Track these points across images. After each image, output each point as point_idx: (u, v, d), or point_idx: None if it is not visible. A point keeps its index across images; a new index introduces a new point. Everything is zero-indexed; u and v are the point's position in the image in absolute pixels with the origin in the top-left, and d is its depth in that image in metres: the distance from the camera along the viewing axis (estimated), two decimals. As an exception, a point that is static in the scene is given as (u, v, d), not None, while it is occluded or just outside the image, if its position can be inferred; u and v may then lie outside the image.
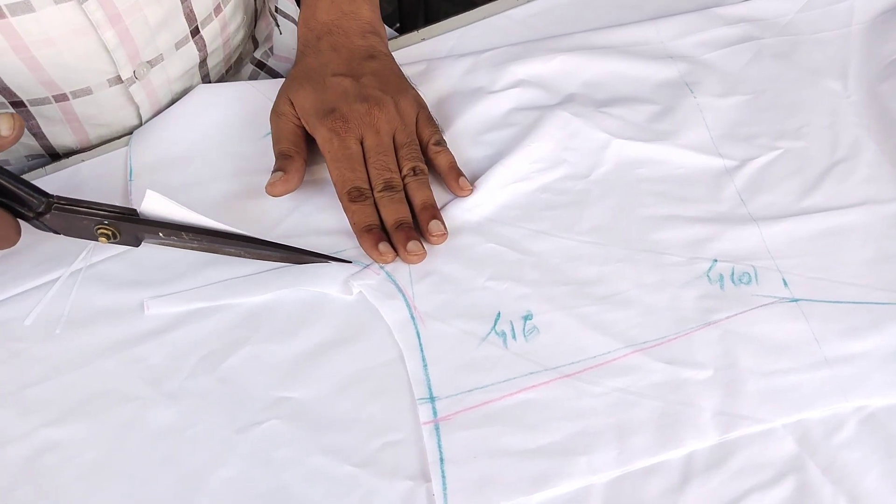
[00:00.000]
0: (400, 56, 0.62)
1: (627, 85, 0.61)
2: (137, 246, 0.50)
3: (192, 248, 0.50)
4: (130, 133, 0.60)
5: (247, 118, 0.59)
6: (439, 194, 0.55)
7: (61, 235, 0.48)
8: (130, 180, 0.55)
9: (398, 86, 0.56)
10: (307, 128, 0.55)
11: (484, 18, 0.65)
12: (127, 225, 0.48)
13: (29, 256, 0.52)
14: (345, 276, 0.50)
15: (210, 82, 0.66)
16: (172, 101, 0.62)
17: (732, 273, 0.51)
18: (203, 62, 0.63)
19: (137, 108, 0.60)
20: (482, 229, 0.53)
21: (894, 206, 0.54)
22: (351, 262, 0.51)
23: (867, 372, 0.47)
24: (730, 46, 0.63)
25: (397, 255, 0.51)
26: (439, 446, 0.44)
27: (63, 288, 0.51)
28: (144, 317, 0.50)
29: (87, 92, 0.56)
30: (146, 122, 0.61)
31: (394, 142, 0.54)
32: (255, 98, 0.60)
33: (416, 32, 0.65)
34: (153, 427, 0.46)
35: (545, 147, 0.57)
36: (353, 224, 0.52)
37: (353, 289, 0.50)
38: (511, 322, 0.49)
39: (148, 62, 0.58)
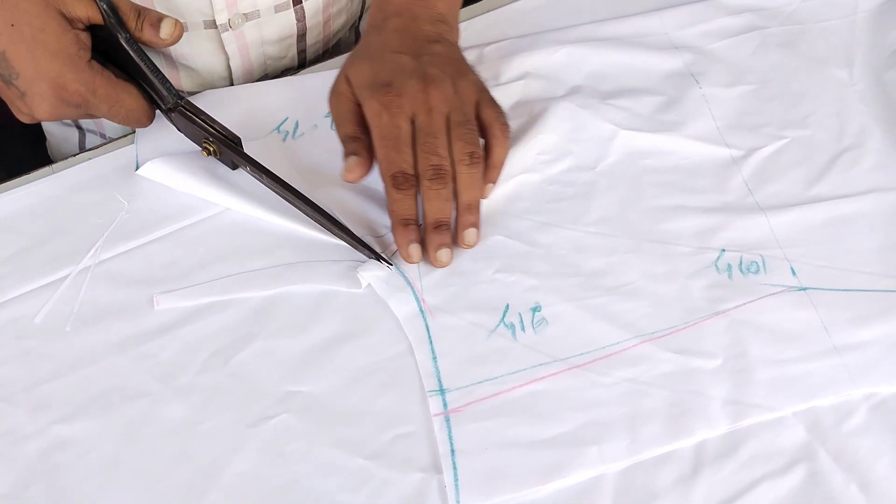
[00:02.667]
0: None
1: (633, 76, 0.61)
2: (233, 170, 0.54)
3: (272, 190, 0.53)
4: (218, 86, 0.62)
5: (255, 115, 0.59)
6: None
7: (72, 229, 0.51)
8: (136, 170, 0.55)
9: (459, 68, 0.53)
10: (359, 100, 0.52)
11: (488, 11, 0.65)
12: (227, 150, 0.52)
13: (38, 254, 0.52)
14: (353, 270, 0.51)
15: (306, 62, 0.66)
16: (265, 66, 0.63)
17: (741, 262, 0.51)
18: (301, 37, 0.63)
19: (228, 59, 0.61)
20: (490, 221, 0.53)
21: (901, 194, 0.54)
22: (392, 266, 0.50)
23: (877, 359, 0.47)
24: (735, 36, 0.63)
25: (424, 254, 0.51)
26: (450, 438, 0.44)
27: (72, 285, 0.51)
28: (154, 313, 0.50)
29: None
30: (236, 78, 0.62)
31: (448, 124, 0.51)
32: (262, 96, 0.60)
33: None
34: (164, 423, 0.46)
35: (551, 139, 0.57)
36: (391, 212, 0.51)
37: (362, 281, 0.50)
38: (520, 314, 0.49)
39: (244, 14, 0.58)
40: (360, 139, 0.51)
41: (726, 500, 0.43)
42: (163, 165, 0.54)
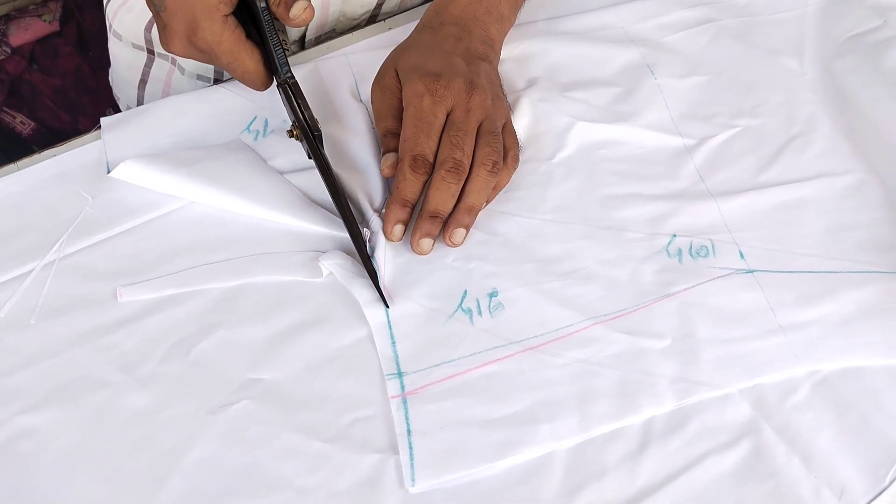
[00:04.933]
0: (367, 44, 0.63)
1: (590, 68, 0.62)
2: (309, 159, 0.54)
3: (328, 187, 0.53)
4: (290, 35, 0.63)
5: (224, 116, 0.59)
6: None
7: (36, 225, 0.52)
8: (109, 173, 0.56)
9: (497, 91, 0.56)
10: (402, 83, 0.54)
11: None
12: (305, 139, 0.54)
13: (2, 249, 0.53)
14: (314, 260, 0.52)
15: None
16: (336, 22, 0.65)
17: (690, 247, 0.52)
18: (379, 5, 0.65)
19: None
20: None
21: (848, 179, 0.56)
22: (387, 306, 0.49)
23: (820, 338, 0.49)
24: (689, 29, 0.65)
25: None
26: (407, 419, 0.45)
27: (37, 279, 0.52)
28: (117, 305, 0.51)
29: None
30: (308, 29, 0.64)
31: (479, 130, 0.53)
32: (228, 98, 0.60)
33: (383, 22, 0.66)
34: (127, 411, 0.47)
35: (509, 131, 0.58)
36: (396, 188, 0.51)
37: (324, 270, 0.51)
38: (477, 299, 0.50)
39: None
40: (399, 135, 0.53)
41: (673, 474, 0.44)
42: (136, 166, 0.54)
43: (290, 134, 0.54)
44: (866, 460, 0.45)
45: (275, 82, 0.54)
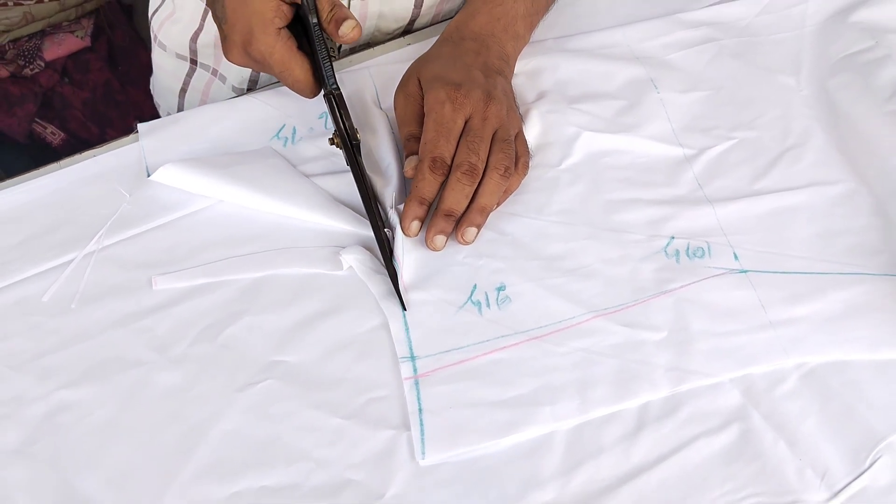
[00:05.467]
0: (386, 58, 0.67)
1: (597, 82, 0.66)
2: (347, 166, 0.58)
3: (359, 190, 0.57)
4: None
5: (254, 125, 0.63)
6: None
7: (77, 219, 0.56)
8: (149, 177, 0.59)
9: (511, 103, 0.60)
10: (424, 91, 0.57)
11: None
12: (344, 147, 0.57)
13: (46, 241, 0.57)
14: (335, 254, 0.55)
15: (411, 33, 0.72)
16: (371, 36, 0.69)
17: (688, 248, 0.56)
18: (412, 21, 0.70)
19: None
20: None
21: (839, 188, 0.59)
22: (406, 310, 0.52)
23: (808, 333, 0.52)
24: (692, 47, 0.68)
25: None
26: (418, 398, 0.49)
27: (77, 268, 0.56)
28: (151, 293, 0.54)
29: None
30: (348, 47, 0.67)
31: (493, 137, 0.56)
32: (258, 107, 0.64)
33: (402, 38, 0.70)
34: (159, 388, 0.51)
35: (520, 140, 0.61)
36: (415, 187, 0.55)
37: (344, 263, 0.55)
38: (486, 293, 0.54)
39: None
40: (420, 139, 0.57)
41: (666, 454, 0.47)
42: (174, 170, 0.58)
43: (331, 142, 0.58)
44: (849, 445, 0.47)
45: (321, 92, 0.58)
